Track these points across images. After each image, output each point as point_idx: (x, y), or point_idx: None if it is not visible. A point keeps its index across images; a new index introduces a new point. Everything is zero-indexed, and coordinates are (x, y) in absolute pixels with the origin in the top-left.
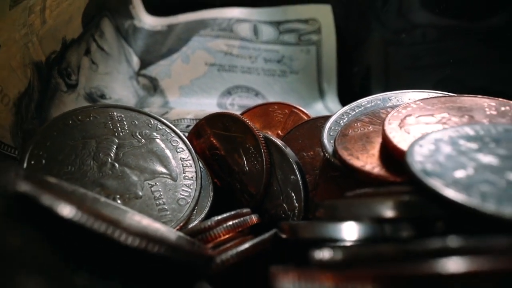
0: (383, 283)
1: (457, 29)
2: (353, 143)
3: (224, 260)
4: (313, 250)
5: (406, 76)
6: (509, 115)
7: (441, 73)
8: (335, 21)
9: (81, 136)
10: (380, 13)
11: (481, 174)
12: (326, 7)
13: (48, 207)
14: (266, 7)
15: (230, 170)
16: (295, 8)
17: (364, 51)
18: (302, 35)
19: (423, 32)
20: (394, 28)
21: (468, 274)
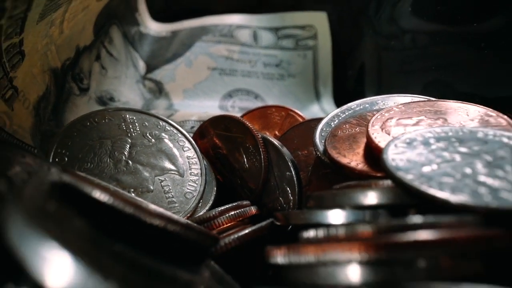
0: (354, 250)
1: (445, 34)
2: (341, 142)
3: (227, 242)
4: (302, 232)
5: (397, 79)
6: (478, 118)
7: (429, 77)
8: (331, 27)
9: (98, 136)
10: (373, 20)
11: (443, 168)
12: (322, 14)
13: (87, 193)
14: (265, 13)
15: (231, 167)
16: (293, 15)
17: (358, 56)
18: (299, 40)
19: (413, 38)
20: (386, 34)
21: (427, 242)
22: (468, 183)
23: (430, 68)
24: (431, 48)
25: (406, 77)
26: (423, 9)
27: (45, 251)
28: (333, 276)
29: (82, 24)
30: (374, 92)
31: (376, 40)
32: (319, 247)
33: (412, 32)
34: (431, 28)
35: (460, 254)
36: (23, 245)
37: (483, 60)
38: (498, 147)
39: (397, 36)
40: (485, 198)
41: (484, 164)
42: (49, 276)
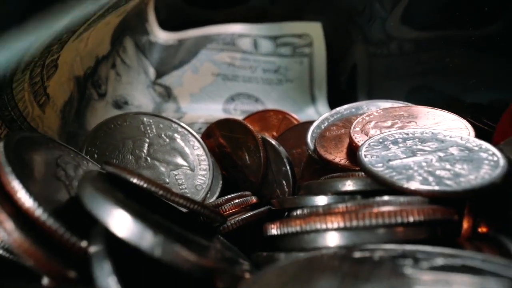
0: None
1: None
2: (328, 142)
3: (233, 223)
4: (292, 212)
5: (385, 84)
6: (442, 121)
7: (414, 82)
8: (325, 36)
9: (121, 137)
10: (364, 29)
11: (405, 162)
12: (317, 24)
13: (128, 179)
14: (265, 23)
15: (234, 164)
16: (290, 24)
17: (350, 62)
18: (296, 48)
19: (400, 45)
20: (375, 42)
21: (386, 212)
22: (421, 173)
23: (415, 73)
24: (415, 55)
25: (393, 82)
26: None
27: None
28: (315, 242)
29: (102, 37)
30: (365, 95)
31: (367, 47)
32: (303, 220)
33: (399, 40)
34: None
35: (409, 223)
36: (97, 208)
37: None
38: (451, 145)
39: (385, 44)
40: (431, 185)
41: (437, 159)
42: (116, 228)
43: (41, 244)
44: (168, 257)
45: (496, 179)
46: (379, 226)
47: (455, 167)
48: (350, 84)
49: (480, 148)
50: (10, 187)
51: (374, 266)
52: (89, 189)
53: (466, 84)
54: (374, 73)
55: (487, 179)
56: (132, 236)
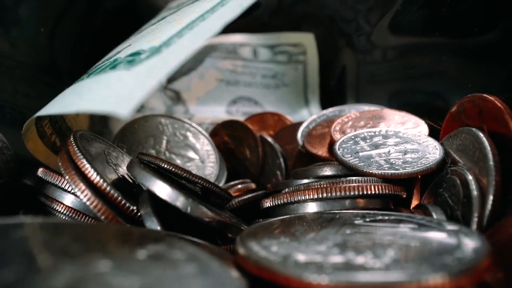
0: (309, 194)
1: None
2: (314, 139)
3: (236, 202)
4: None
5: (370, 89)
6: (404, 122)
7: (395, 87)
8: (317, 45)
9: (143, 135)
10: (352, 39)
11: (369, 153)
12: (309, 35)
13: (160, 164)
14: (263, 33)
15: (237, 158)
16: (286, 35)
17: (340, 68)
18: (292, 56)
19: (383, 53)
20: (362, 51)
21: (351, 188)
22: (379, 161)
23: (395, 79)
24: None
25: (377, 86)
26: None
27: (157, 182)
28: (297, 210)
29: None
30: (353, 98)
31: (354, 55)
32: (289, 194)
33: (382, 48)
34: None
35: (366, 195)
36: (148, 181)
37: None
38: (406, 141)
39: (369, 52)
40: (384, 169)
41: (394, 151)
42: (161, 193)
43: (107, 206)
44: (195, 213)
45: (433, 166)
46: (344, 197)
47: (406, 156)
48: (339, 88)
49: (427, 142)
50: (84, 168)
51: (336, 220)
52: (141, 170)
53: (434, 89)
54: (360, 79)
55: (427, 165)
56: (171, 198)
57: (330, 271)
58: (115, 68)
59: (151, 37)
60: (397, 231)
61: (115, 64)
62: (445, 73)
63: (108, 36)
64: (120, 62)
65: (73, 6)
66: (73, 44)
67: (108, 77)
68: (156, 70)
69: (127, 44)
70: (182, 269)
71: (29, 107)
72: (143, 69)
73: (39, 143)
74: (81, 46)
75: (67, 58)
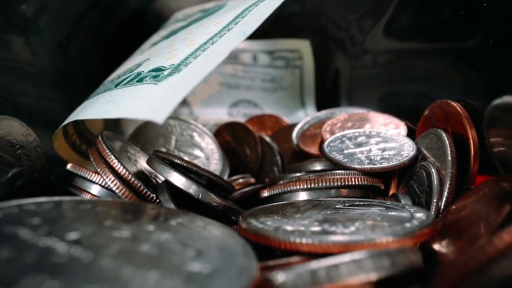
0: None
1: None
2: (307, 138)
3: (238, 194)
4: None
5: (362, 92)
6: (387, 123)
7: (384, 90)
8: (313, 51)
9: (154, 135)
10: (345, 45)
11: (353, 150)
12: (306, 41)
13: (173, 160)
14: (263, 40)
15: (238, 156)
16: (284, 41)
17: (334, 73)
18: (289, 61)
19: (374, 58)
20: (354, 56)
21: (335, 179)
22: (361, 157)
23: (384, 83)
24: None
25: (368, 90)
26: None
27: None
28: (290, 199)
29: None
30: (346, 101)
31: (347, 61)
32: (283, 185)
33: (373, 54)
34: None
35: (349, 186)
36: (165, 173)
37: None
38: (386, 140)
39: (361, 57)
40: (364, 164)
41: (375, 149)
42: (177, 182)
43: (132, 193)
44: (206, 199)
45: (406, 161)
46: (329, 188)
47: (384, 153)
48: (333, 91)
49: (403, 141)
50: (112, 162)
51: (320, 205)
52: (160, 164)
53: (415, 93)
54: (352, 82)
55: (400, 161)
56: (185, 186)
57: (309, 235)
58: (141, 82)
59: (168, 55)
60: (367, 211)
61: (141, 77)
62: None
63: (118, 44)
64: (145, 76)
65: (86, 17)
66: (86, 51)
67: (138, 89)
68: (180, 87)
69: (145, 58)
70: (204, 230)
71: (51, 109)
72: (168, 85)
73: (63, 142)
74: (93, 53)
75: (80, 64)
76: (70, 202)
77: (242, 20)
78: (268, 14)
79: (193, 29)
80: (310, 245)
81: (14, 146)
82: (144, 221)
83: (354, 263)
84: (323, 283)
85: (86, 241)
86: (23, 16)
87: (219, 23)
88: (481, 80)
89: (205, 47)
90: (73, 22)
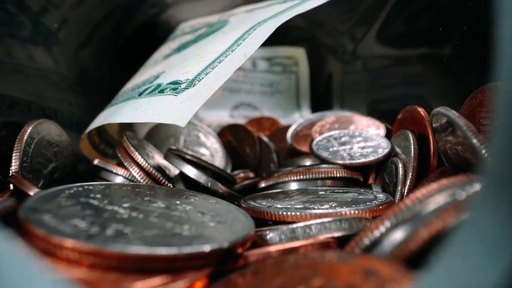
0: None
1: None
2: (299, 138)
3: (239, 185)
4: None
5: (352, 95)
6: (368, 125)
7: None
8: (308, 58)
9: (165, 135)
10: (338, 52)
11: (336, 149)
12: (301, 49)
13: (184, 156)
14: (262, 47)
15: (239, 154)
16: (281, 49)
17: (327, 78)
18: (286, 67)
19: (365, 64)
20: (346, 62)
21: (321, 171)
22: (343, 154)
23: (370, 88)
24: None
25: (358, 94)
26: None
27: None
28: (284, 187)
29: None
30: (338, 103)
31: (339, 66)
32: (277, 176)
33: (363, 61)
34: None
35: (332, 178)
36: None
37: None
38: (366, 140)
39: (351, 63)
40: (346, 160)
41: (356, 147)
42: (189, 173)
43: (153, 183)
44: (214, 187)
45: (380, 158)
46: (316, 179)
47: (363, 151)
48: (327, 95)
49: (381, 140)
50: (137, 158)
51: (307, 192)
52: (175, 158)
53: (396, 98)
54: (344, 87)
55: (376, 157)
56: (196, 177)
57: (293, 210)
58: (163, 93)
59: (182, 70)
60: (342, 196)
61: (161, 89)
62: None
63: (128, 52)
64: (165, 88)
65: (100, 29)
66: (99, 60)
67: (161, 99)
68: (196, 99)
69: (161, 70)
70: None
71: (73, 112)
72: (186, 97)
73: (87, 141)
74: (106, 61)
75: (95, 71)
76: (116, 185)
77: (243, 42)
78: (265, 38)
79: (202, 45)
80: (293, 216)
81: (52, 144)
82: (172, 198)
83: (322, 224)
84: (300, 238)
85: (136, 208)
86: (46, 28)
87: (224, 43)
88: (453, 84)
89: (214, 66)
90: (89, 33)
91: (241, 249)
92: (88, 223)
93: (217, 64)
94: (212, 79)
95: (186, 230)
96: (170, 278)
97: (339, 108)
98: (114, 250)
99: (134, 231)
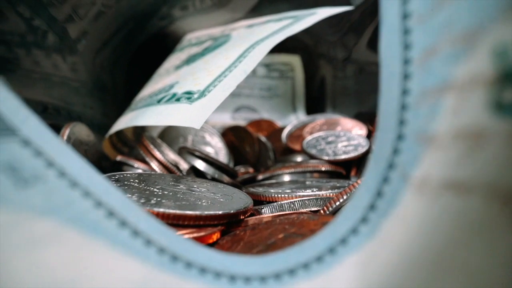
0: (284, 169)
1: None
2: (293, 138)
3: (240, 179)
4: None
5: (344, 99)
6: (355, 127)
7: (363, 98)
8: (303, 64)
9: (174, 135)
10: (330, 59)
11: (323, 147)
12: (296, 56)
13: (194, 152)
14: None
15: (240, 153)
16: (278, 56)
17: (321, 83)
18: (283, 72)
19: (354, 70)
20: (339, 68)
21: (308, 165)
22: (328, 151)
23: (356, 92)
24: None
25: (348, 98)
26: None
27: (197, 160)
28: (278, 179)
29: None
30: (331, 106)
31: (332, 72)
32: (273, 170)
33: (351, 66)
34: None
35: (318, 171)
36: (192, 160)
37: None
38: (349, 139)
39: (342, 69)
40: (330, 156)
41: (340, 145)
42: (199, 166)
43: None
44: (219, 178)
45: (359, 155)
46: (304, 172)
47: (346, 149)
48: (320, 98)
49: (361, 140)
50: (156, 154)
51: (296, 182)
52: (188, 154)
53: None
54: (336, 91)
55: (355, 154)
56: (205, 169)
57: (283, 193)
58: (179, 101)
59: (194, 82)
60: (324, 184)
61: (177, 97)
62: None
63: (138, 60)
64: (180, 97)
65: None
66: (112, 67)
67: (178, 107)
68: (207, 107)
69: (175, 80)
70: (223, 188)
71: (94, 115)
72: (199, 105)
73: (107, 141)
74: (118, 68)
75: (109, 78)
76: (146, 173)
77: (244, 60)
78: (262, 56)
79: (209, 59)
80: (282, 197)
81: (82, 143)
82: (190, 183)
83: (303, 201)
84: (285, 211)
85: (166, 189)
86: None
87: (228, 59)
88: None
89: (220, 79)
90: (104, 43)
91: (242, 216)
92: (137, 197)
93: (222, 78)
94: (219, 91)
95: (204, 202)
96: (195, 230)
97: (332, 110)
98: (159, 211)
99: (169, 202)
